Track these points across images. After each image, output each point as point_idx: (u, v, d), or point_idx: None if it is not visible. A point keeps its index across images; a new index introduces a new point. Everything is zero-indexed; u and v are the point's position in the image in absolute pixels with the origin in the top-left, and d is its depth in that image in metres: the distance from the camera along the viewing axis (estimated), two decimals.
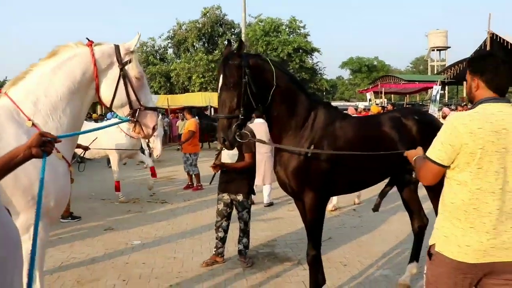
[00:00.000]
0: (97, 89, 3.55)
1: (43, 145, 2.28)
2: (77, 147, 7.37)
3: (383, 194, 5.50)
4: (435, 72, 58.76)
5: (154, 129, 3.77)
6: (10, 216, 1.83)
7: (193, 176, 11.94)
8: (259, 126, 8.56)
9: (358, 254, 6.34)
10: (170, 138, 24.56)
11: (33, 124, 3.23)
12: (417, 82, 37.16)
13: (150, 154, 11.63)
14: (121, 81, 3.55)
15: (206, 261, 6.01)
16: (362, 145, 4.39)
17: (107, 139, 9.72)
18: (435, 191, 4.45)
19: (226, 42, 4.35)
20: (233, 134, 3.98)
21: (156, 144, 10.65)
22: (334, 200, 9.16)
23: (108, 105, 3.63)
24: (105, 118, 18.06)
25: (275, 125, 4.38)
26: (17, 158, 2.19)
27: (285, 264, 6.01)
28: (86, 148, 8.76)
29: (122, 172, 11.06)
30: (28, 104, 3.28)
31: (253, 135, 5.80)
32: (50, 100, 3.34)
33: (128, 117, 3.66)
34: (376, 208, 5.51)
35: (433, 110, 21.50)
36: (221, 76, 4.02)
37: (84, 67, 3.46)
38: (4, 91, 3.36)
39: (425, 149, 2.89)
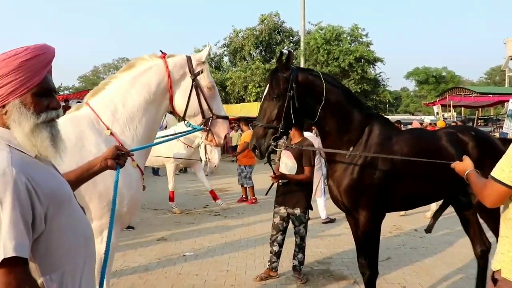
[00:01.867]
0: (171, 99, 3.86)
1: (117, 158, 2.56)
2: None
3: (437, 215, 5.53)
4: None
5: (225, 137, 4.03)
6: (85, 214, 2.09)
7: (247, 189, 12.21)
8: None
9: (418, 276, 6.37)
10: (225, 149, 24.95)
11: (111, 133, 3.58)
12: (491, 95, 35.93)
13: (206, 163, 11.96)
14: (194, 91, 3.84)
15: (260, 275, 6.21)
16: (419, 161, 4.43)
17: (165, 148, 9.95)
18: (487, 212, 4.52)
19: (279, 53, 4.53)
20: (266, 145, 4.20)
21: (213, 154, 10.94)
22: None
23: (182, 115, 3.92)
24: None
25: (327, 141, 4.55)
26: (94, 168, 2.49)
27: (340, 282, 6.13)
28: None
29: (176, 182, 11.43)
30: (107, 114, 3.63)
31: (307, 151, 5.98)
32: (127, 110, 3.68)
33: (201, 126, 3.93)
34: (429, 230, 5.54)
35: (508, 125, 20.59)
36: (268, 85, 4.29)
37: (159, 78, 3.78)
38: (85, 101, 3.75)
39: (482, 166, 2.92)
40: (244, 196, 12.35)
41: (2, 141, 1.76)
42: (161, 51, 3.91)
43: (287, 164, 6.18)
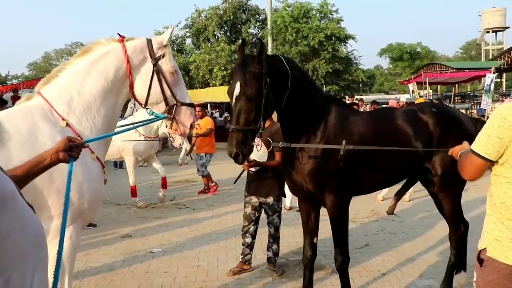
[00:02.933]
0: (131, 87, 3.79)
1: (70, 150, 2.49)
2: None
3: (398, 197, 5.67)
4: (490, 57, 57.67)
5: (191, 126, 3.97)
6: (34, 213, 2.03)
7: (203, 178, 12.16)
8: None
9: (398, 262, 6.49)
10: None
11: (67, 124, 3.49)
12: (467, 70, 36.50)
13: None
14: (155, 77, 3.77)
15: (232, 270, 6.24)
16: (376, 140, 4.59)
17: (122, 140, 9.79)
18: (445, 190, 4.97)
19: (241, 40, 4.38)
20: (248, 149, 4.13)
21: (176, 135, 10.75)
22: (383, 191, 9.66)
23: (143, 103, 3.86)
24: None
25: (289, 128, 4.57)
26: (45, 162, 2.41)
27: (317, 273, 6.17)
28: None
29: (139, 175, 11.35)
30: (62, 103, 3.54)
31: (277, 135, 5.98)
32: (84, 99, 3.60)
33: (165, 114, 3.87)
34: (391, 211, 5.70)
35: (486, 101, 21.06)
36: (238, 83, 4.04)
37: (117, 64, 3.70)
38: (37, 89, 3.64)
39: (448, 144, 3.02)
40: (206, 187, 12.26)
41: None
42: (119, 34, 3.82)
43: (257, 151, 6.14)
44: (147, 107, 3.91)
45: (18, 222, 1.81)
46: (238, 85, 4.04)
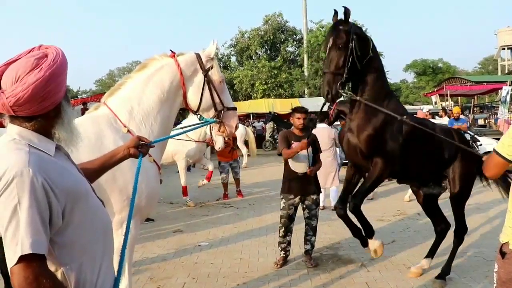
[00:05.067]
0: (184, 96, 3.84)
1: (140, 146, 2.56)
2: None
3: None
4: (506, 72, 56.10)
5: (236, 127, 4.01)
6: (104, 206, 2.07)
7: (236, 180, 11.99)
8: (321, 131, 8.75)
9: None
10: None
11: (128, 131, 3.57)
12: (485, 83, 35.54)
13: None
14: (206, 86, 3.82)
15: (278, 263, 6.19)
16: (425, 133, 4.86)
17: (174, 145, 9.91)
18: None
19: (333, 11, 4.74)
20: (336, 90, 4.43)
21: (218, 138, 10.73)
22: (409, 192, 9.63)
23: (195, 110, 3.90)
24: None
25: (362, 91, 4.76)
26: (117, 156, 2.49)
27: (348, 266, 6.10)
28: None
29: (189, 177, 11.40)
30: (124, 112, 3.63)
31: (316, 141, 5.99)
32: (143, 109, 3.67)
33: (214, 119, 3.91)
34: None
35: (502, 111, 20.38)
36: (331, 37, 4.53)
37: (171, 76, 3.76)
38: (103, 100, 3.74)
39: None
40: (238, 189, 11.98)
41: (22, 141, 1.73)
42: (171, 50, 3.88)
43: (302, 154, 6.03)
44: (197, 113, 3.94)
45: (89, 215, 1.87)
46: (331, 39, 4.53)
